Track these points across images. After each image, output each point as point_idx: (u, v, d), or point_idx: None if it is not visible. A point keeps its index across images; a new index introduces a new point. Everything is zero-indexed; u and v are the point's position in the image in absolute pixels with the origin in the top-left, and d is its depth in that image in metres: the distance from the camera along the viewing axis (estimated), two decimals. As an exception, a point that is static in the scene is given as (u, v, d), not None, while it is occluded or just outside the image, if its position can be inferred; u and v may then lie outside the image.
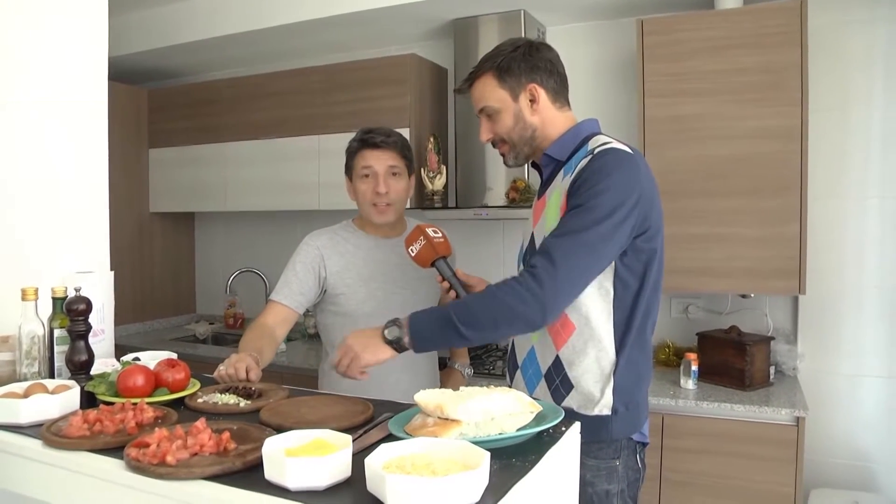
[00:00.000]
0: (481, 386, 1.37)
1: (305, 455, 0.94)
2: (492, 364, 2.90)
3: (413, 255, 1.63)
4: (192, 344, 3.68)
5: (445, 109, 3.47)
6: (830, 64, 2.73)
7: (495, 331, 1.38)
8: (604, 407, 1.46)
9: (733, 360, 2.54)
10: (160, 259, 4.13)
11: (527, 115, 1.56)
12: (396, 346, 1.43)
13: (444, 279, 1.60)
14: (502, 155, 1.63)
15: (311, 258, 1.98)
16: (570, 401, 1.48)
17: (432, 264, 1.61)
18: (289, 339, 3.46)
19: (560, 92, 1.59)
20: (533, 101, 1.55)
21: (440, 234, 1.63)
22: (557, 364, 1.49)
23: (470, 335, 1.37)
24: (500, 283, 1.40)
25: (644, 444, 1.57)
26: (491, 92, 1.56)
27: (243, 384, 1.49)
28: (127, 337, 3.72)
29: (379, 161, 1.96)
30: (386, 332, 1.42)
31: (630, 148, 1.49)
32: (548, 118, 1.57)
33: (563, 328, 1.48)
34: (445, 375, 2.25)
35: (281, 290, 1.96)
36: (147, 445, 1.04)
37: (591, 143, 1.51)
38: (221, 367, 1.58)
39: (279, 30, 3.36)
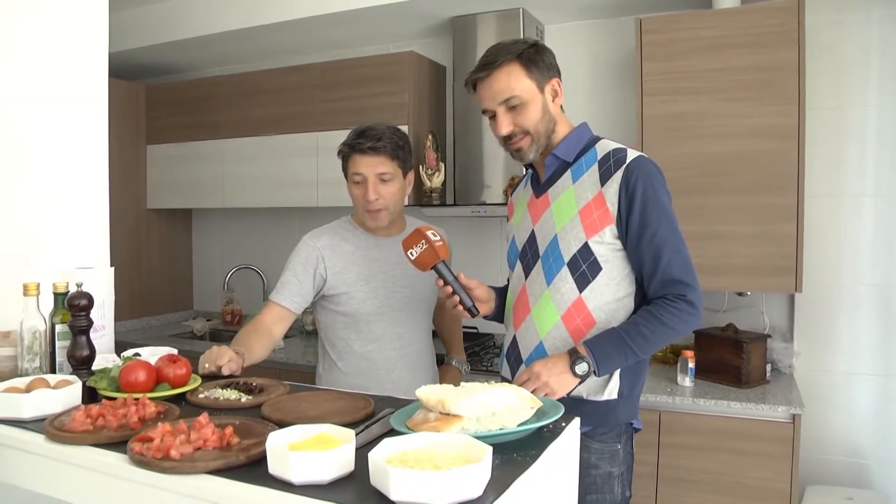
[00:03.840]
0: (479, 382, 1.38)
1: (309, 449, 0.95)
2: (489, 361, 2.91)
3: (413, 258, 1.60)
4: (189, 340, 3.67)
5: (444, 107, 3.48)
6: (827, 63, 2.74)
7: (659, 348, 1.55)
8: (612, 391, 1.56)
9: (730, 357, 2.55)
10: (157, 255, 4.12)
11: (551, 108, 1.58)
12: (583, 378, 1.48)
13: (445, 283, 1.60)
14: (518, 150, 1.59)
15: (311, 259, 1.96)
16: (580, 388, 1.52)
17: (432, 268, 1.61)
18: (286, 336, 3.45)
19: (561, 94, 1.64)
20: (555, 95, 1.59)
21: (439, 237, 1.61)
22: None
23: (642, 356, 1.52)
24: (660, 308, 1.49)
25: (637, 430, 1.67)
26: (518, 81, 1.54)
27: (244, 380, 1.49)
28: (124, 333, 3.70)
29: (368, 167, 1.90)
30: (577, 368, 1.45)
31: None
32: (558, 116, 1.61)
33: (584, 323, 1.55)
34: (443, 371, 2.25)
35: (280, 291, 1.96)
36: (150, 440, 1.04)
37: (604, 147, 1.58)
38: (206, 363, 1.60)
39: (277, 26, 3.35)
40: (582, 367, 1.45)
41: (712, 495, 2.39)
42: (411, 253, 1.60)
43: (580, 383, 1.48)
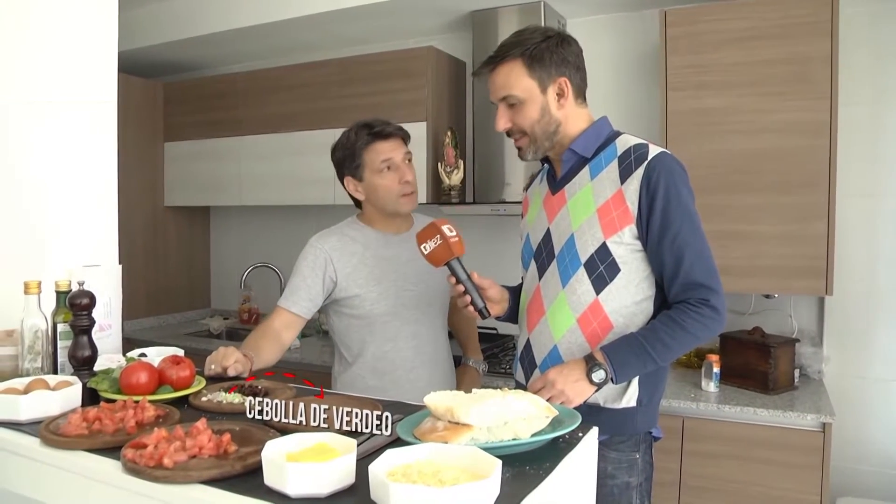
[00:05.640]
0: (497, 384, 1.32)
1: (307, 460, 0.89)
2: (508, 363, 2.84)
3: (426, 253, 1.55)
4: (206, 339, 3.66)
5: (463, 103, 3.42)
6: (863, 56, 2.63)
7: (679, 355, 1.50)
8: (630, 398, 1.49)
9: (756, 362, 2.46)
10: (175, 253, 4.12)
11: (553, 109, 1.51)
12: (600, 386, 1.42)
13: (457, 280, 1.54)
14: (518, 148, 1.58)
15: (320, 263, 1.92)
16: (597, 395, 1.47)
17: (445, 264, 1.55)
18: (303, 336, 3.42)
19: (582, 88, 1.57)
20: (561, 95, 1.51)
21: (455, 234, 1.55)
22: None
23: (662, 364, 1.45)
24: (682, 313, 1.42)
25: (657, 439, 1.60)
26: (517, 80, 1.50)
27: (249, 383, 1.45)
28: (141, 331, 3.71)
29: (395, 151, 1.92)
30: (593, 376, 1.40)
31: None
32: (570, 114, 1.54)
33: (600, 327, 1.48)
34: (460, 372, 2.19)
35: (289, 296, 1.92)
36: (145, 446, 1.00)
37: (624, 143, 1.51)
38: (212, 364, 1.57)
39: (294, 22, 3.31)
40: (599, 375, 1.39)
41: (737, 505, 2.31)
42: (425, 247, 1.55)
43: (597, 391, 1.42)
